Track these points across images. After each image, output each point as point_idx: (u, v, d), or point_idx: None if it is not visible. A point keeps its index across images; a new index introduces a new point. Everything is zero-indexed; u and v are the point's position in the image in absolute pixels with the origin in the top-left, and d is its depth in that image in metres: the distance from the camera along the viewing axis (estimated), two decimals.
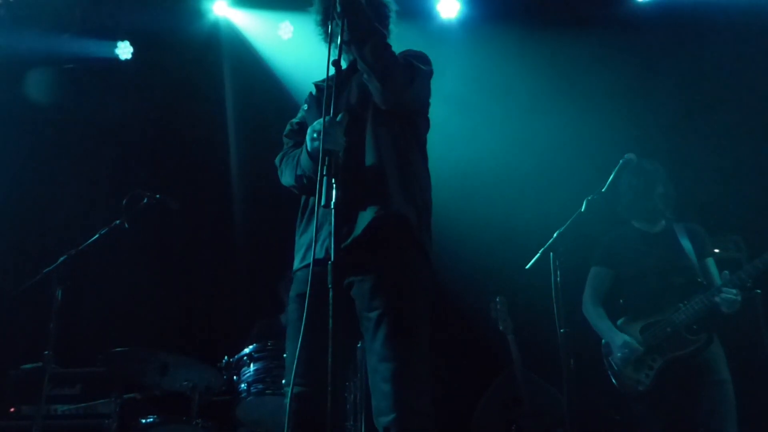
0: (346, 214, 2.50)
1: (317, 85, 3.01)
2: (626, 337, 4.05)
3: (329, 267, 2.28)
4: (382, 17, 2.97)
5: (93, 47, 6.18)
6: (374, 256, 2.61)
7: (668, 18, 5.66)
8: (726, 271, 3.93)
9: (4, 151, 5.98)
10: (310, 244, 2.69)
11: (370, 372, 2.62)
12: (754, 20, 5.37)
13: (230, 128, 6.27)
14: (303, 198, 2.89)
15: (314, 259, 2.59)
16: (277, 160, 2.98)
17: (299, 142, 2.92)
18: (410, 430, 2.51)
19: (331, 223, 2.33)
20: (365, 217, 2.62)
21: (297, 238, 2.85)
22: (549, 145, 5.73)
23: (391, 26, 3.03)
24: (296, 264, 2.81)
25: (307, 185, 2.79)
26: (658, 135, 5.47)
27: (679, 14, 5.62)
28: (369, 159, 2.71)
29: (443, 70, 5.34)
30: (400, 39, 3.06)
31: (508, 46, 5.75)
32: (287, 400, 2.63)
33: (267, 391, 4.20)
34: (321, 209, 2.55)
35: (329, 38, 2.59)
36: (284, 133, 3.05)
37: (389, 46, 2.73)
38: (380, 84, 2.67)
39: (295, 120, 3.05)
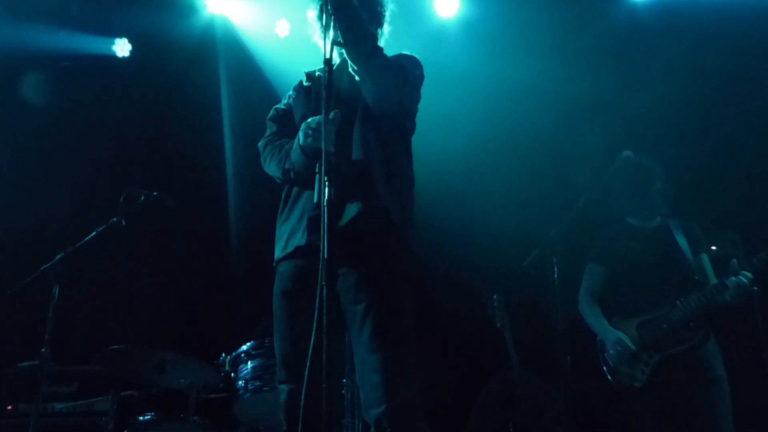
0: (333, 209, 2.50)
1: (308, 75, 3.04)
2: (620, 334, 4.05)
3: (321, 264, 2.28)
4: (376, 15, 2.99)
5: (90, 44, 6.16)
6: (358, 248, 2.64)
7: (667, 18, 5.66)
8: (734, 260, 3.92)
9: (1, 148, 5.96)
10: (292, 232, 2.75)
11: (358, 365, 2.64)
12: (754, 20, 5.37)
13: (226, 126, 6.26)
14: (286, 188, 2.92)
15: (296, 247, 2.68)
16: (260, 145, 3.01)
17: (282, 129, 2.97)
18: (402, 421, 2.51)
19: (324, 223, 2.32)
20: (350, 211, 2.66)
21: (278, 226, 2.88)
22: (547, 143, 5.73)
23: (386, 26, 3.05)
24: (278, 253, 2.83)
25: (294, 179, 2.82)
26: (656, 133, 5.47)
27: (678, 14, 5.62)
28: (356, 155, 2.75)
29: (443, 67, 5.39)
30: (397, 40, 3.06)
31: (507, 45, 5.75)
32: (283, 398, 2.66)
33: (264, 389, 4.20)
34: (303, 200, 2.65)
35: (323, 33, 2.62)
36: (268, 116, 3.09)
37: (381, 50, 2.78)
38: (372, 87, 2.72)
39: (280, 106, 3.08)
